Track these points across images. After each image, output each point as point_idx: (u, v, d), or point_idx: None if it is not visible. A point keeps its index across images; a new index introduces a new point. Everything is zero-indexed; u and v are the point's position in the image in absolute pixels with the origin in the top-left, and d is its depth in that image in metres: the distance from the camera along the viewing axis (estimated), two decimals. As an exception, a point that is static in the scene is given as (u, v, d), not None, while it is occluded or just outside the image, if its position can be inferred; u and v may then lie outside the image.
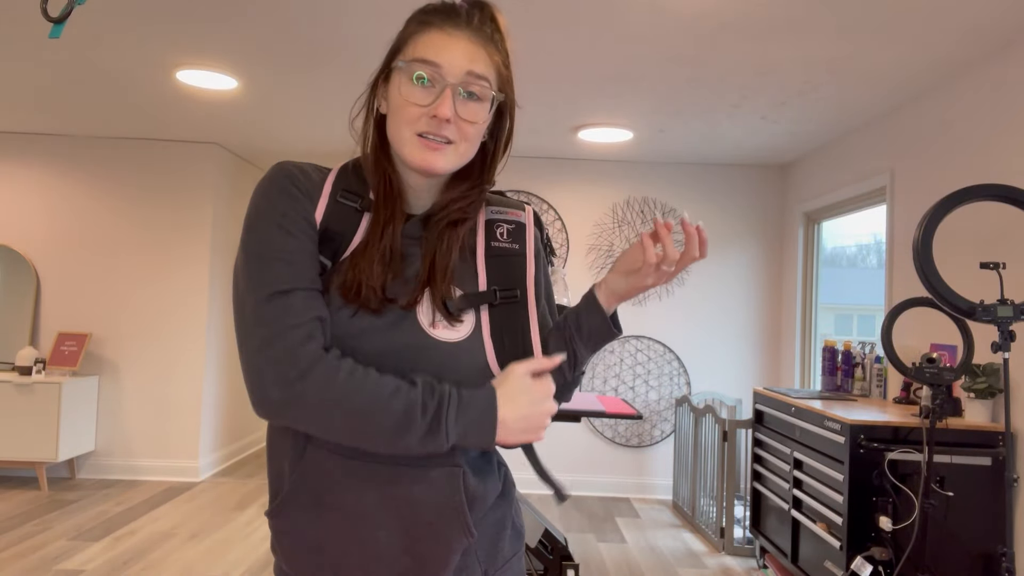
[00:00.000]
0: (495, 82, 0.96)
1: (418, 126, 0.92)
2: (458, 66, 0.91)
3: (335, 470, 0.91)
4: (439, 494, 0.92)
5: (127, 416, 4.99)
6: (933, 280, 2.29)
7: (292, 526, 0.96)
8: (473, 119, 0.94)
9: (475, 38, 0.94)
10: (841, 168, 4.24)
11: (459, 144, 0.94)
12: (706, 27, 2.79)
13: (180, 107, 4.17)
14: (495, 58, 0.96)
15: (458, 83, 0.92)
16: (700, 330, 5.09)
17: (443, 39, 0.92)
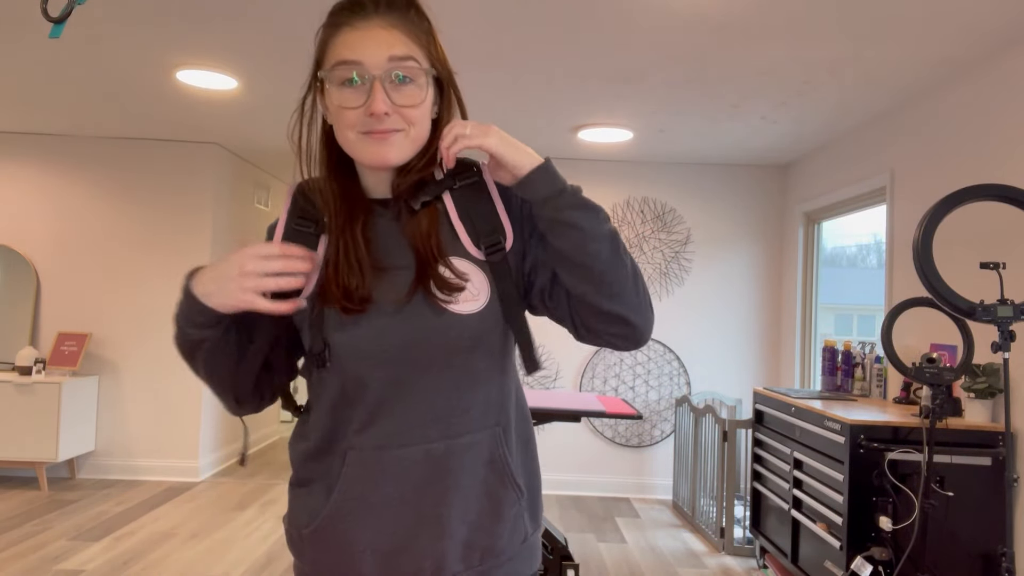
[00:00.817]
0: (423, 58, 0.94)
1: (360, 127, 0.92)
2: (378, 56, 0.90)
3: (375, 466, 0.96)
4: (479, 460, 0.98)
5: (127, 416, 4.99)
6: (933, 280, 2.29)
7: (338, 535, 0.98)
8: (411, 102, 0.92)
9: (387, 21, 0.91)
10: (841, 168, 4.24)
11: (408, 130, 0.93)
12: (706, 27, 2.79)
13: (180, 107, 4.17)
14: (417, 35, 0.93)
15: (383, 73, 0.90)
16: (700, 330, 5.09)
17: (355, 35, 0.91)
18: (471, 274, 0.96)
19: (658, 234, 5.12)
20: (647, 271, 5.11)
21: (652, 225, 5.12)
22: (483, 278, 0.96)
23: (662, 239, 5.11)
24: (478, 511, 0.97)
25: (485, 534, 0.98)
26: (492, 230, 0.98)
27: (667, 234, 5.12)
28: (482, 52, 3.15)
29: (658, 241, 5.11)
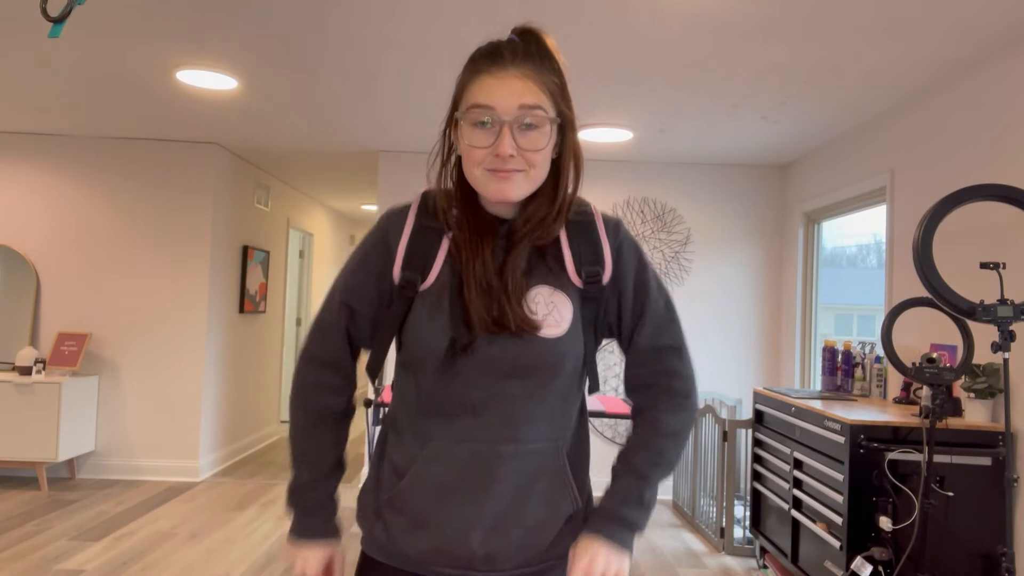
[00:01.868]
0: (550, 106, 1.04)
1: (485, 164, 1.03)
2: (510, 104, 1.00)
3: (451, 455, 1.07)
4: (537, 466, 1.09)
5: (127, 416, 4.99)
6: (933, 280, 2.29)
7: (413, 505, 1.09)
8: (534, 147, 1.02)
9: (522, 71, 1.02)
10: (841, 168, 4.24)
11: (528, 171, 1.04)
12: (706, 27, 2.79)
13: (180, 107, 4.17)
14: (546, 84, 1.04)
15: (513, 119, 1.01)
16: (700, 330, 5.09)
17: (492, 83, 1.01)
18: (559, 303, 1.08)
19: (658, 234, 5.11)
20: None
21: (652, 225, 5.12)
22: (570, 305, 1.09)
23: (662, 239, 5.11)
24: (536, 516, 1.07)
25: (540, 536, 1.08)
26: (594, 261, 1.10)
27: (667, 234, 5.12)
28: (482, 52, 3.15)
29: (658, 241, 5.11)
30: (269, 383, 6.44)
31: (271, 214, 6.26)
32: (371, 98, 3.87)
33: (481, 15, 2.77)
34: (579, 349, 1.09)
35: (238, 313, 5.59)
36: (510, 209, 1.11)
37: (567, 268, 1.10)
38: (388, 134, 4.64)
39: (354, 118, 4.27)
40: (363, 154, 5.26)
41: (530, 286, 1.07)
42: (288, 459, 5.74)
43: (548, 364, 1.05)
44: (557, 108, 1.05)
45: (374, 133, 4.62)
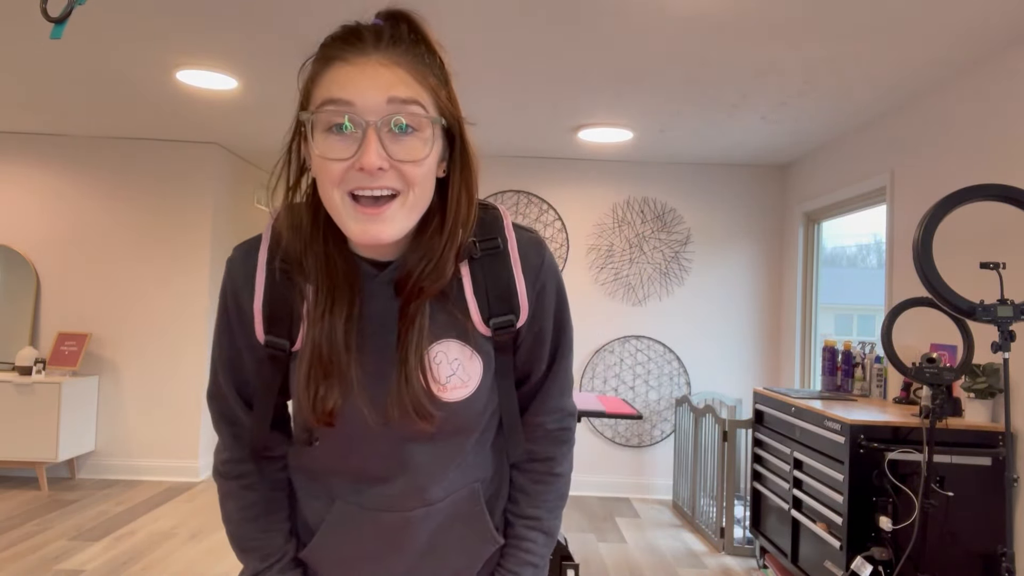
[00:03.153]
0: (430, 104, 0.79)
1: (347, 184, 0.77)
2: (374, 97, 0.75)
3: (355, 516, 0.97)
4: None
5: (127, 416, 4.99)
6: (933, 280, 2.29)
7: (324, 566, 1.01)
8: (412, 157, 0.77)
9: (389, 58, 0.76)
10: (841, 168, 4.24)
11: (406, 195, 0.79)
12: (706, 27, 2.79)
13: (180, 107, 4.17)
14: (425, 76, 0.79)
15: (381, 119, 0.76)
16: (700, 330, 5.09)
17: (349, 71, 0.75)
18: (464, 360, 0.89)
19: (658, 234, 5.11)
20: (647, 271, 5.10)
21: (652, 225, 5.12)
22: (479, 362, 0.90)
23: (662, 239, 5.11)
24: (454, 564, 0.99)
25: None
26: (507, 309, 0.90)
27: (667, 234, 5.12)
28: (482, 52, 3.15)
29: (658, 241, 5.11)
30: (269, 383, 6.43)
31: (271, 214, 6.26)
32: (371, 98, 3.86)
33: (481, 15, 2.77)
34: (492, 403, 0.95)
35: (238, 313, 5.59)
36: (391, 248, 0.87)
37: (472, 318, 0.89)
38: (388, 134, 4.63)
39: (354, 118, 4.27)
40: (363, 154, 5.25)
41: (429, 344, 0.87)
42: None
43: (456, 427, 0.91)
44: (440, 107, 0.80)
45: (374, 133, 4.61)
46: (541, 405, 1.00)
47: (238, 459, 0.98)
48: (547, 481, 1.02)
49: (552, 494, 1.02)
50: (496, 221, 0.91)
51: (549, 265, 0.93)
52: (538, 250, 0.93)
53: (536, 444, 1.01)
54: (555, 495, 1.03)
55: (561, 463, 1.03)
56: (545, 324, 0.95)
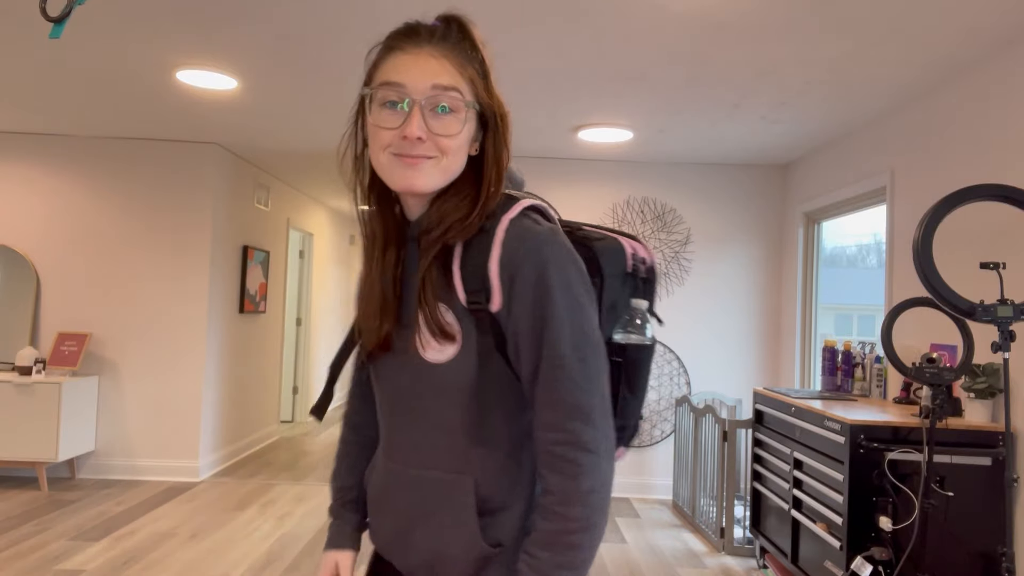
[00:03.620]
0: (468, 91, 0.94)
1: (392, 148, 0.93)
2: (422, 82, 0.91)
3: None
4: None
5: (127, 416, 4.99)
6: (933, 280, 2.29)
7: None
8: (447, 132, 0.93)
9: (439, 51, 0.93)
10: (841, 168, 4.24)
11: (440, 159, 0.93)
12: (706, 27, 2.79)
13: (180, 107, 4.17)
14: (465, 68, 0.94)
15: (425, 99, 0.91)
16: (700, 330, 5.09)
17: (405, 59, 0.92)
18: (453, 325, 0.94)
19: (658, 234, 5.12)
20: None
21: (652, 225, 5.12)
22: (458, 333, 0.94)
23: (662, 239, 5.11)
24: (429, 546, 0.99)
25: (448, 569, 0.98)
26: (479, 286, 0.93)
27: (667, 234, 5.12)
28: (482, 52, 3.15)
29: (658, 241, 5.11)
30: (269, 383, 6.44)
31: (271, 214, 6.26)
32: (371, 98, 3.86)
33: (482, 16, 2.77)
34: (471, 381, 0.94)
35: (238, 313, 5.59)
36: (420, 208, 0.99)
37: (456, 290, 0.94)
38: (388, 134, 4.63)
39: (354, 118, 4.27)
40: (363, 154, 5.25)
41: (435, 301, 0.96)
42: (287, 460, 5.73)
43: (430, 390, 0.95)
44: (477, 95, 0.95)
45: (374, 133, 4.62)
46: (536, 418, 0.92)
47: (348, 407, 1.21)
48: (549, 518, 0.89)
49: (553, 535, 0.88)
50: (506, 205, 0.98)
51: (533, 253, 0.91)
52: (526, 237, 0.93)
53: (540, 467, 0.92)
54: (557, 537, 0.88)
55: (566, 501, 0.88)
56: (522, 314, 0.92)
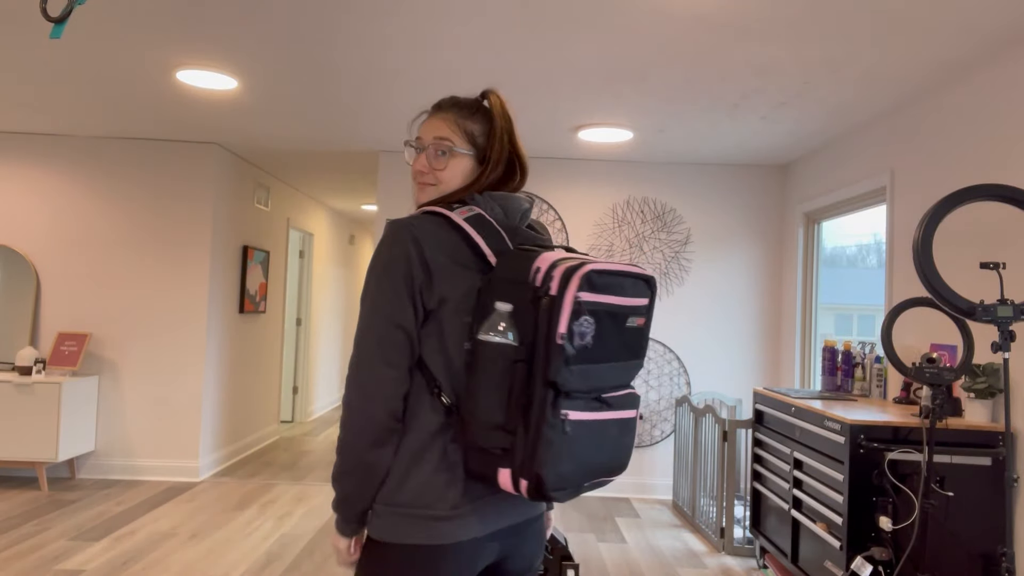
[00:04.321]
0: (461, 140, 1.35)
1: (415, 177, 1.40)
2: (427, 136, 1.37)
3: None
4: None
5: (127, 416, 4.99)
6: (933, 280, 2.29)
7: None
8: (440, 167, 1.36)
9: (447, 115, 1.37)
10: (841, 168, 4.24)
11: (438, 185, 1.37)
12: (706, 27, 2.79)
13: (180, 107, 4.17)
14: (464, 124, 1.36)
15: (429, 146, 1.37)
16: (700, 330, 5.09)
17: (428, 121, 1.39)
18: None
19: (658, 234, 5.12)
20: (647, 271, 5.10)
21: (652, 225, 5.12)
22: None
23: (662, 239, 5.11)
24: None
25: None
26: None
27: (667, 234, 5.12)
28: (482, 52, 3.15)
29: (658, 241, 5.11)
30: (269, 383, 6.44)
31: (271, 214, 6.26)
32: (371, 98, 3.87)
33: (482, 15, 2.77)
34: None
35: (238, 313, 5.59)
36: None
37: None
38: (388, 134, 4.64)
39: (354, 118, 4.27)
40: (363, 154, 5.26)
41: None
42: (287, 460, 5.72)
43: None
44: (470, 142, 1.36)
45: (374, 133, 4.62)
46: None
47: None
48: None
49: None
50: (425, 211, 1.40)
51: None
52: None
53: None
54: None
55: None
56: None
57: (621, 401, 1.23)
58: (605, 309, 1.17)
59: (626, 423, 1.24)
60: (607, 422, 1.19)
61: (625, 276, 1.20)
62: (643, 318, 1.26)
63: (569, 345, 1.11)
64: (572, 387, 1.13)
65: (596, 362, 1.16)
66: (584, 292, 1.13)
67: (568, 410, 1.13)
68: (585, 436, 1.16)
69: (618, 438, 1.22)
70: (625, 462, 1.26)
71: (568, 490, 1.16)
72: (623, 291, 1.19)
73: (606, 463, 1.21)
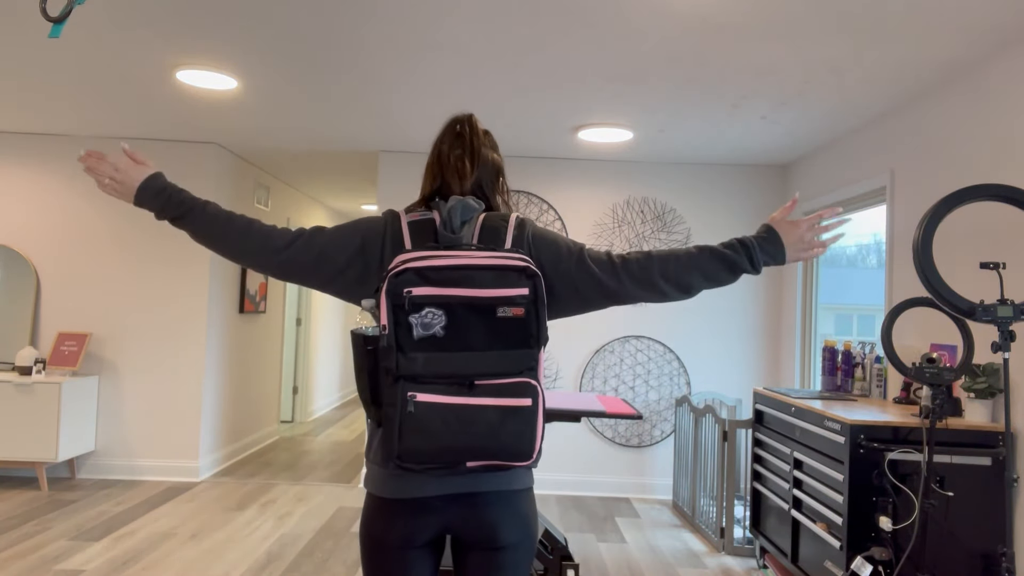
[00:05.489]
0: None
1: None
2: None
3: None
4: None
5: (127, 416, 4.99)
6: (933, 280, 2.29)
7: None
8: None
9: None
10: (841, 168, 4.24)
11: None
12: (706, 27, 2.79)
13: (180, 107, 4.17)
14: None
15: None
16: (700, 330, 5.09)
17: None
18: None
19: (658, 234, 5.12)
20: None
21: (652, 225, 5.12)
22: None
23: (662, 239, 5.11)
24: None
25: None
26: None
27: (667, 234, 5.12)
28: (482, 52, 3.15)
29: (658, 241, 5.11)
30: (269, 383, 6.44)
31: (271, 214, 6.26)
32: (371, 98, 3.87)
33: (482, 15, 2.77)
34: None
35: (238, 313, 5.59)
36: None
37: None
38: (388, 134, 4.64)
39: (354, 118, 4.27)
40: (363, 154, 5.26)
41: None
42: (287, 460, 5.73)
43: None
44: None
45: (374, 133, 4.62)
46: None
47: None
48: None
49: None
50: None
51: None
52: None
53: None
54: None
55: None
56: None
57: (499, 389, 1.27)
58: (458, 301, 1.25)
59: (510, 410, 1.26)
60: (475, 407, 1.25)
61: (475, 269, 1.25)
62: (520, 308, 1.26)
63: (408, 335, 1.24)
64: (414, 372, 1.24)
65: (451, 351, 1.25)
66: (419, 287, 1.24)
67: (417, 392, 1.24)
68: (439, 417, 1.24)
69: (497, 424, 1.25)
70: (512, 447, 1.26)
71: (428, 465, 1.25)
72: (473, 283, 1.25)
73: (476, 446, 1.25)
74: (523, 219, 1.44)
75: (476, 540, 1.38)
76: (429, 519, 1.36)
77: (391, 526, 1.35)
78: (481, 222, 1.41)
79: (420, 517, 1.35)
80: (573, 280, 1.38)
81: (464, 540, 1.39)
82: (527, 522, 1.39)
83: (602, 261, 1.39)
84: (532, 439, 1.27)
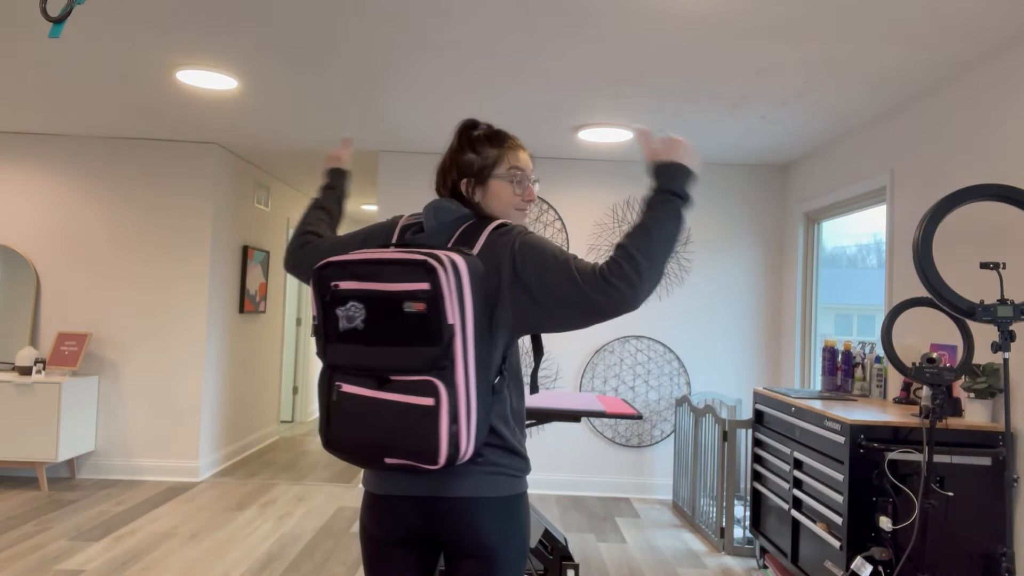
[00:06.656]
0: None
1: (526, 205, 1.56)
2: (529, 170, 1.53)
3: None
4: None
5: (127, 416, 4.99)
6: (933, 280, 2.29)
7: None
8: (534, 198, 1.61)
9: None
10: (841, 168, 4.24)
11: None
12: (706, 27, 2.79)
13: (180, 107, 4.17)
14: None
15: (535, 177, 1.55)
16: (700, 330, 5.09)
17: (523, 155, 1.52)
18: None
19: (658, 234, 5.11)
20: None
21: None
22: None
23: (662, 239, 5.10)
24: None
25: None
26: None
27: (667, 234, 5.11)
28: (482, 52, 3.15)
29: (658, 241, 5.10)
30: (269, 383, 6.44)
31: (271, 214, 6.26)
32: (371, 98, 3.87)
33: (482, 15, 2.77)
34: None
35: (238, 313, 5.59)
36: None
37: None
38: (388, 134, 4.64)
39: (354, 118, 4.27)
40: (363, 154, 5.26)
41: None
42: (287, 460, 5.73)
43: None
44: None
45: (374, 133, 4.62)
46: None
47: None
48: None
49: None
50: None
51: None
52: None
53: None
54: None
55: None
56: None
57: (405, 386, 1.23)
58: (371, 295, 1.25)
59: (412, 408, 1.22)
60: (383, 402, 1.24)
61: (384, 263, 1.25)
62: (422, 303, 1.21)
63: (334, 327, 1.29)
64: (338, 363, 1.29)
65: (370, 344, 1.26)
66: (346, 281, 1.27)
67: (343, 383, 1.28)
68: (357, 409, 1.26)
69: (400, 421, 1.22)
70: (414, 447, 1.21)
71: (350, 455, 1.28)
72: (382, 277, 1.24)
73: (385, 442, 1.23)
74: (512, 227, 1.38)
75: (446, 545, 1.36)
76: (399, 518, 1.37)
77: (376, 520, 1.39)
78: (463, 228, 1.41)
79: (393, 514, 1.37)
80: (560, 291, 1.29)
81: (445, 547, 1.38)
82: (487, 533, 1.32)
83: (587, 272, 1.29)
84: (436, 440, 1.20)
